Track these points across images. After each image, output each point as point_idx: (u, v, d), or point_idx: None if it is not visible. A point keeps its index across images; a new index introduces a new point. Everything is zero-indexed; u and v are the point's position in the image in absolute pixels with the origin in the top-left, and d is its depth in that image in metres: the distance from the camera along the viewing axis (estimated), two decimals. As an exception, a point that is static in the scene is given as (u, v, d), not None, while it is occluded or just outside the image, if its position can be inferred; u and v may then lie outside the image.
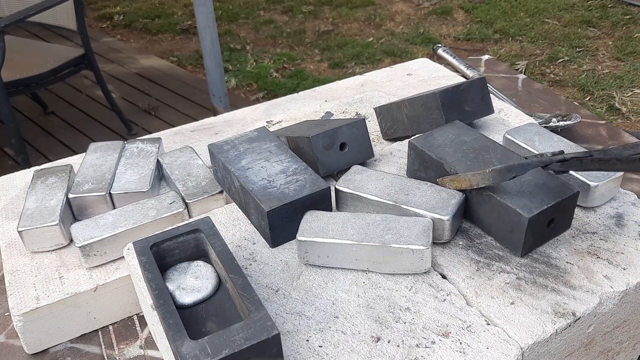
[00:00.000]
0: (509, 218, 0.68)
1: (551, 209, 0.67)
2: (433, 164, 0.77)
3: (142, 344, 0.75)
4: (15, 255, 0.80)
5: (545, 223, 0.68)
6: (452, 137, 0.79)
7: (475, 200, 0.72)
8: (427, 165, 0.78)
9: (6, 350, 0.75)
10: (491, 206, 0.70)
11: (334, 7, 4.33)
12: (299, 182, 0.74)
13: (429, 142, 0.79)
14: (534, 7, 3.99)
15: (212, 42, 2.44)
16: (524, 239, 0.67)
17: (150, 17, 4.36)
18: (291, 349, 0.60)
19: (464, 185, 0.70)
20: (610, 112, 2.84)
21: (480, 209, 0.72)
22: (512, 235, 0.69)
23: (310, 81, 3.30)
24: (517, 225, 0.67)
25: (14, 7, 2.36)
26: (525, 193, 0.68)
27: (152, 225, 0.79)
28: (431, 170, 0.77)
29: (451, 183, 0.72)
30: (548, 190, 0.69)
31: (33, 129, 2.96)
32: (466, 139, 0.78)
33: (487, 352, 0.59)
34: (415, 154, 0.79)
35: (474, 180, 0.69)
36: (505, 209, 0.68)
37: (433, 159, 0.76)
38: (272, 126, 1.07)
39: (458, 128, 0.81)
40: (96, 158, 0.91)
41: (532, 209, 0.66)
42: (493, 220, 0.71)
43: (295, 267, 0.70)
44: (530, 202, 0.67)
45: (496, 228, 0.71)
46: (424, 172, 0.79)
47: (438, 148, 0.77)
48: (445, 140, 0.79)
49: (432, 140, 0.79)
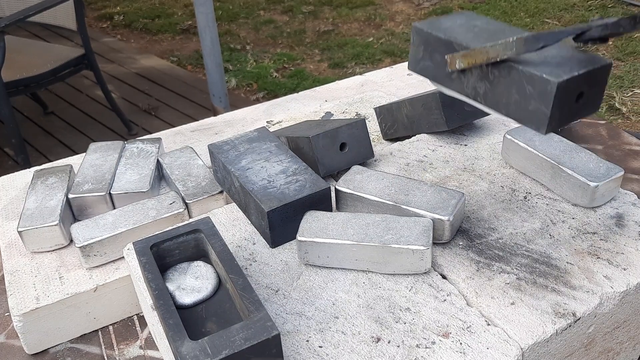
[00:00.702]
0: (533, 89, 0.58)
1: (582, 78, 0.58)
2: (440, 47, 0.66)
3: (142, 344, 0.75)
4: (15, 255, 0.80)
5: (575, 96, 0.59)
6: (461, 22, 0.68)
7: (489, 80, 0.62)
8: (434, 49, 0.67)
9: (6, 350, 0.75)
10: (510, 80, 0.60)
11: (334, 7, 4.33)
12: (299, 182, 0.74)
13: (435, 25, 0.68)
14: (534, 7, 3.99)
15: (212, 42, 2.44)
16: (550, 110, 0.57)
17: (150, 17, 4.36)
18: (291, 349, 0.60)
19: (480, 59, 0.60)
20: (611, 112, 2.84)
21: (497, 89, 0.62)
22: (537, 108, 0.58)
23: (310, 81, 3.30)
24: (543, 94, 0.57)
25: (14, 7, 2.36)
26: (551, 63, 0.59)
27: (152, 225, 0.79)
28: (438, 55, 0.67)
29: (463, 59, 0.61)
30: (577, 60, 0.59)
31: (33, 129, 2.96)
32: (477, 23, 0.68)
33: (487, 352, 0.59)
34: (420, 38, 0.68)
35: (493, 51, 0.59)
36: (528, 78, 0.58)
37: (441, 40, 0.66)
38: (272, 126, 1.07)
39: (468, 15, 0.71)
40: (96, 158, 0.91)
41: (562, 75, 0.56)
42: (512, 98, 0.61)
43: (295, 267, 0.70)
44: (558, 69, 0.57)
45: (516, 106, 0.61)
46: (429, 60, 0.69)
47: (446, 30, 0.67)
48: (454, 24, 0.68)
49: (439, 24, 0.68)
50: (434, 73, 0.69)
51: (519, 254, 0.70)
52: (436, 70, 0.68)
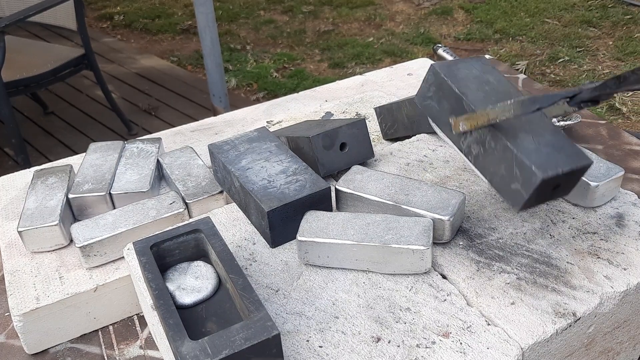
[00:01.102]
0: (520, 173, 0.62)
1: (563, 175, 0.63)
2: (451, 97, 0.69)
3: (142, 344, 0.75)
4: (15, 255, 0.80)
5: (552, 187, 0.64)
6: (476, 74, 0.71)
7: (484, 147, 0.66)
8: (444, 95, 0.70)
9: (6, 350, 0.75)
10: (503, 156, 0.64)
11: (334, 7, 4.33)
12: (299, 182, 0.74)
13: (452, 72, 0.70)
14: (534, 7, 3.99)
15: (212, 42, 2.44)
16: (528, 196, 0.62)
17: (150, 17, 4.36)
18: (291, 349, 0.60)
19: (481, 121, 0.63)
20: (611, 112, 2.84)
21: (488, 158, 0.66)
22: (517, 190, 0.63)
23: (310, 81, 3.30)
24: (527, 182, 0.62)
25: (14, 7, 2.36)
26: (542, 153, 0.63)
27: (152, 225, 0.78)
28: (446, 102, 0.70)
29: (466, 122, 0.65)
30: (565, 155, 0.63)
31: (33, 129, 2.96)
32: (490, 79, 0.71)
33: (487, 352, 0.59)
34: (435, 80, 0.71)
35: (493, 113, 0.63)
36: (519, 163, 0.62)
37: (453, 91, 0.68)
38: (272, 126, 1.07)
39: (483, 64, 0.73)
40: (96, 158, 0.91)
41: (547, 170, 0.61)
42: (499, 171, 0.65)
43: (296, 267, 0.70)
44: (546, 162, 0.62)
45: (500, 179, 0.65)
46: (436, 102, 0.71)
47: (460, 81, 0.69)
48: (469, 74, 0.71)
49: (456, 70, 0.71)
50: (437, 115, 0.72)
51: (519, 254, 0.70)
52: (439, 114, 0.71)
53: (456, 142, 0.70)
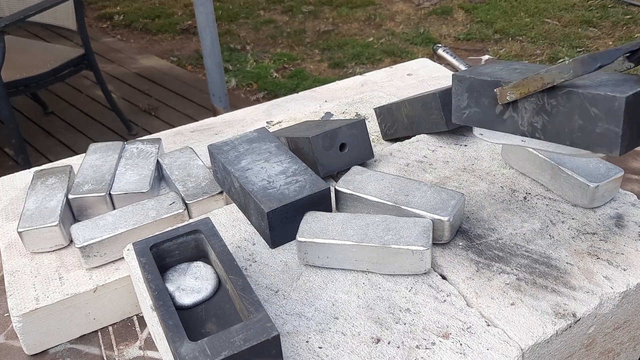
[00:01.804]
0: (598, 110, 0.57)
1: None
2: (488, 90, 0.65)
3: (142, 345, 0.75)
4: (15, 255, 0.80)
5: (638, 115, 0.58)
6: (500, 67, 0.69)
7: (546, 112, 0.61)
8: (480, 93, 0.66)
9: (6, 351, 0.75)
10: (570, 106, 0.59)
11: (334, 7, 4.33)
12: (299, 182, 0.74)
13: (477, 72, 0.68)
14: (534, 7, 3.99)
15: (212, 42, 2.44)
16: (622, 128, 0.56)
17: (150, 17, 4.36)
18: (291, 350, 0.60)
19: (533, 86, 0.59)
20: None
21: (557, 119, 0.60)
22: (606, 129, 0.57)
23: (310, 81, 3.30)
24: (611, 112, 0.56)
25: (14, 7, 2.36)
26: (609, 85, 0.58)
27: (152, 226, 0.78)
28: (485, 98, 0.66)
29: (514, 90, 0.60)
30: (633, 81, 0.59)
31: (33, 129, 2.96)
32: (517, 67, 0.68)
33: (487, 353, 0.59)
34: (463, 86, 0.68)
35: (548, 76, 0.58)
36: (591, 100, 0.57)
37: (487, 82, 0.65)
38: (272, 126, 1.07)
39: (504, 62, 0.71)
40: (96, 159, 0.91)
41: (626, 91, 0.56)
42: (576, 125, 0.59)
43: (295, 268, 0.70)
44: (619, 88, 0.57)
45: (581, 132, 0.59)
46: (475, 106, 0.68)
47: (489, 74, 0.67)
48: (494, 68, 0.69)
49: (480, 70, 0.69)
50: (482, 118, 0.68)
51: (518, 255, 0.70)
52: (484, 115, 0.67)
53: (514, 129, 0.65)
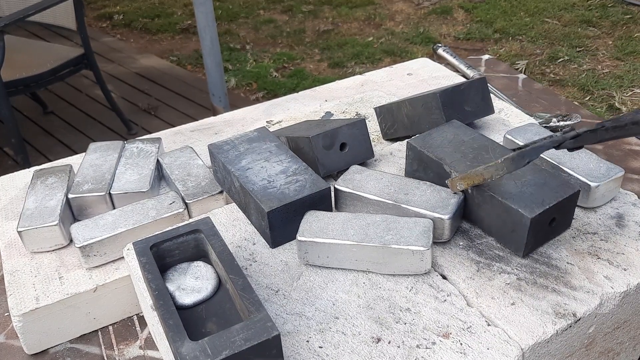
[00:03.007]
0: (511, 218, 0.67)
1: (553, 208, 0.67)
2: (432, 165, 0.76)
3: (142, 345, 0.75)
4: (15, 255, 0.80)
5: (547, 222, 0.68)
6: (450, 137, 0.79)
7: (475, 201, 0.72)
8: (426, 165, 0.77)
9: (6, 350, 0.75)
10: (492, 206, 0.69)
11: (333, 6, 4.33)
12: (299, 182, 0.74)
13: (427, 143, 0.78)
14: (534, 7, 3.99)
15: (212, 41, 2.43)
16: (526, 239, 0.67)
17: (150, 16, 4.36)
18: (291, 350, 0.60)
19: (477, 180, 0.67)
20: (610, 112, 2.84)
21: (481, 210, 0.72)
22: (514, 235, 0.68)
23: (310, 81, 3.30)
24: (519, 225, 0.67)
25: (14, 7, 2.36)
26: (526, 193, 0.68)
27: (152, 225, 0.78)
28: (430, 171, 0.77)
29: (462, 182, 0.68)
30: (549, 189, 0.69)
31: (33, 129, 2.96)
32: (464, 139, 0.78)
33: (487, 352, 0.59)
34: (414, 154, 0.79)
35: (487, 173, 0.66)
36: (507, 209, 0.68)
37: (432, 160, 0.76)
38: (272, 126, 1.07)
39: (456, 128, 0.81)
40: (96, 158, 0.91)
41: (534, 209, 0.66)
42: (494, 221, 0.70)
43: (296, 267, 0.70)
44: (531, 202, 0.67)
45: (497, 229, 0.70)
46: (423, 173, 0.79)
47: (437, 148, 0.77)
48: (444, 140, 0.79)
49: (431, 140, 0.79)
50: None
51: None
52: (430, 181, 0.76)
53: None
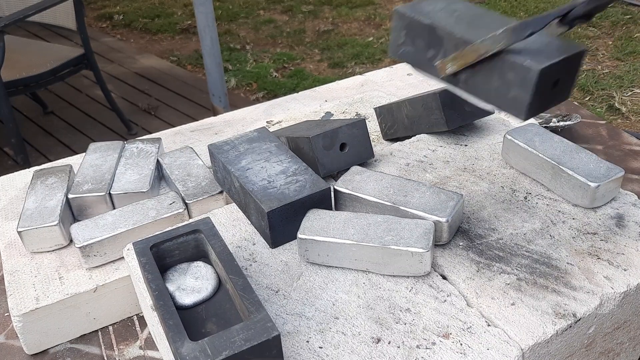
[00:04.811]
0: (515, 76, 0.59)
1: (559, 64, 0.59)
2: (423, 31, 0.66)
3: (142, 345, 0.75)
4: (15, 255, 0.80)
5: (552, 82, 0.60)
6: (441, 6, 0.69)
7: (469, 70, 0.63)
8: (416, 34, 0.67)
9: (6, 350, 0.75)
10: (491, 67, 0.61)
11: (333, 6, 4.33)
12: (299, 182, 0.74)
13: (417, 9, 0.68)
14: (534, 7, 3.99)
15: (212, 41, 2.44)
16: (530, 97, 0.59)
17: (150, 16, 4.36)
18: (291, 350, 0.60)
19: (471, 57, 0.60)
20: (610, 112, 2.84)
21: (477, 76, 0.63)
22: (517, 95, 0.60)
23: (310, 81, 3.30)
24: (524, 81, 0.58)
25: (14, 7, 2.36)
26: (531, 50, 0.60)
27: (152, 225, 0.78)
28: (420, 40, 0.67)
29: (454, 62, 0.61)
30: (555, 47, 0.60)
31: (33, 129, 2.96)
32: (458, 7, 0.68)
33: (487, 353, 0.59)
34: (402, 22, 0.68)
35: (483, 47, 0.59)
36: (510, 65, 0.59)
37: (422, 24, 0.66)
38: (272, 126, 1.07)
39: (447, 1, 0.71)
40: (96, 158, 0.91)
41: (543, 61, 0.58)
42: (492, 84, 0.62)
43: (296, 267, 0.70)
44: (538, 56, 0.59)
45: (496, 92, 0.61)
46: (411, 44, 0.68)
47: (428, 14, 0.67)
48: (435, 8, 0.69)
49: (420, 7, 0.69)
50: (415, 58, 0.69)
51: (519, 255, 0.70)
52: (417, 55, 0.68)
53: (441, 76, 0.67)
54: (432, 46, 0.66)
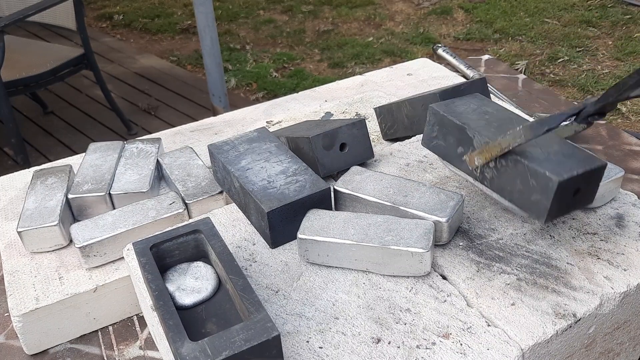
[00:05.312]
0: (536, 183, 0.64)
1: (580, 177, 0.64)
2: (454, 130, 0.73)
3: (142, 345, 0.75)
4: (15, 255, 0.80)
5: (572, 191, 0.65)
6: (474, 107, 0.75)
7: (497, 168, 0.69)
8: (448, 131, 0.74)
9: (6, 351, 0.75)
10: (516, 171, 0.66)
11: (333, 6, 4.33)
12: (299, 182, 0.74)
13: (451, 109, 0.75)
14: (533, 7, 3.99)
15: (212, 41, 2.44)
16: (550, 204, 0.63)
17: (149, 16, 4.36)
18: (291, 350, 0.60)
19: (495, 152, 0.66)
20: (610, 112, 2.84)
21: (503, 177, 0.68)
22: (538, 200, 0.65)
23: (310, 81, 3.30)
24: (545, 189, 0.63)
25: (14, 7, 2.36)
26: (553, 161, 0.65)
27: (152, 225, 0.78)
28: (451, 137, 0.73)
29: (480, 156, 0.67)
30: (576, 160, 0.66)
31: (33, 129, 2.96)
32: (489, 110, 0.75)
33: (487, 353, 0.59)
34: (435, 119, 0.75)
35: (505, 142, 0.65)
36: (533, 172, 0.64)
37: (455, 124, 0.72)
38: (272, 126, 1.07)
39: (480, 99, 0.78)
40: (96, 158, 0.91)
41: (562, 174, 0.63)
42: (516, 187, 0.67)
43: (295, 267, 0.70)
44: (559, 168, 0.64)
45: (519, 194, 0.67)
46: (442, 140, 0.75)
47: (460, 115, 0.73)
48: (467, 109, 0.75)
49: (454, 107, 0.75)
50: (446, 152, 0.76)
51: (519, 255, 0.70)
52: (448, 150, 0.75)
53: (469, 172, 0.73)
54: (462, 144, 0.72)
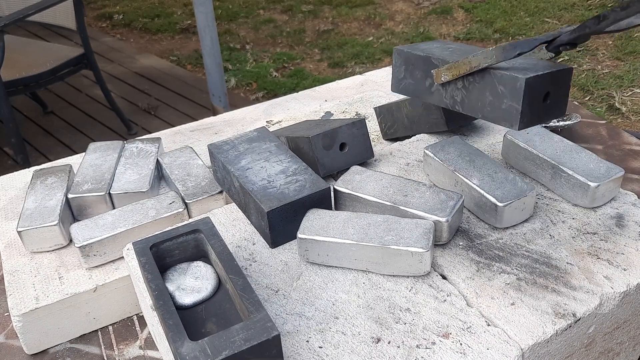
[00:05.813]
0: (504, 88, 0.65)
1: (546, 77, 0.64)
2: (420, 63, 0.74)
3: (142, 345, 0.75)
4: (15, 255, 0.80)
5: (542, 95, 0.65)
6: (437, 45, 0.78)
7: (465, 87, 0.69)
8: (414, 67, 0.75)
9: (5, 350, 0.75)
10: (484, 84, 0.67)
11: (333, 6, 4.33)
12: (299, 182, 0.74)
13: (415, 47, 0.78)
14: (534, 7, 3.99)
15: (212, 41, 2.44)
16: (521, 105, 0.63)
17: (149, 16, 4.36)
18: (291, 350, 0.60)
19: (463, 69, 0.66)
20: (610, 112, 2.84)
21: (473, 95, 0.69)
22: (509, 105, 0.65)
23: (310, 81, 3.30)
24: (514, 92, 0.64)
25: (14, 7, 2.36)
26: (519, 69, 0.66)
27: (152, 225, 0.78)
28: (418, 71, 0.75)
29: (447, 72, 0.67)
30: (542, 65, 0.66)
31: (33, 129, 2.96)
32: (452, 46, 0.77)
33: (487, 353, 0.59)
34: (401, 58, 0.77)
35: (475, 60, 0.65)
36: (499, 79, 0.65)
37: (420, 56, 0.74)
38: (272, 126, 1.07)
39: (443, 42, 0.80)
40: (96, 158, 0.91)
41: (529, 74, 0.63)
42: (487, 100, 0.67)
43: (295, 267, 0.70)
44: (525, 71, 0.64)
45: (490, 106, 0.67)
46: (410, 77, 0.76)
47: (425, 49, 0.76)
48: (431, 47, 0.78)
49: (417, 46, 0.78)
50: (415, 89, 0.78)
51: (519, 254, 0.70)
52: (417, 86, 0.76)
53: (439, 100, 0.75)
54: (430, 75, 0.74)
